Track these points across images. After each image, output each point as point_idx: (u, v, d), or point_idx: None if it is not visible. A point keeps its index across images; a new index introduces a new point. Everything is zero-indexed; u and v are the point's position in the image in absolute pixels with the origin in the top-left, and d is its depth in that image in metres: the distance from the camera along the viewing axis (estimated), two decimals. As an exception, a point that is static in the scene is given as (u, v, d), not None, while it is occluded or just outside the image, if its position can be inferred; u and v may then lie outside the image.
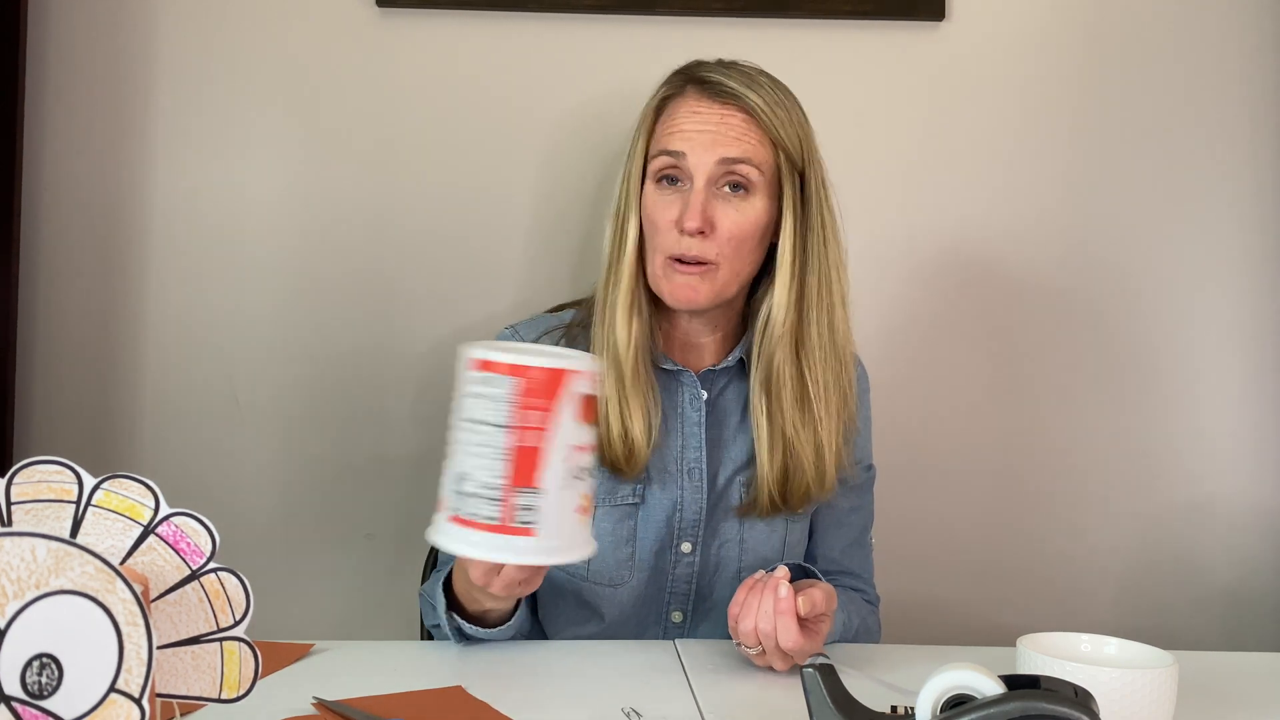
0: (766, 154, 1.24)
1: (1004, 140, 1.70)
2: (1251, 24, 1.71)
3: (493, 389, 0.88)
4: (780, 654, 1.10)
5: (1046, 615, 1.69)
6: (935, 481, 1.72)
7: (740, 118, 1.23)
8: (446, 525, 0.90)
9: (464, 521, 0.89)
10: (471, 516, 0.89)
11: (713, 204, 1.23)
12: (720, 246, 1.23)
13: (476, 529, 0.89)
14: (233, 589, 0.73)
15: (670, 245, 1.24)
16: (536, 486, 0.89)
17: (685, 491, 1.29)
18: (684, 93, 1.27)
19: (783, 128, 1.24)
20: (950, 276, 1.71)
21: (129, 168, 1.64)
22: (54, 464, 0.69)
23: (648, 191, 1.26)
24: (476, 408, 0.89)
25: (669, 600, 1.31)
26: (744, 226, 1.23)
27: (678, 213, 1.23)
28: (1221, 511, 1.74)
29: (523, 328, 1.35)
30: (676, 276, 1.24)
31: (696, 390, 1.31)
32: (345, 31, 1.64)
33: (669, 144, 1.24)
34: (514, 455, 0.88)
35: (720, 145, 1.22)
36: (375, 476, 1.67)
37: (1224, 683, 1.11)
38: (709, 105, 1.24)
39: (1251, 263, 1.73)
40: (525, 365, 0.87)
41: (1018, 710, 0.74)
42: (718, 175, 1.23)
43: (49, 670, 0.58)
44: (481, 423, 0.88)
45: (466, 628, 1.17)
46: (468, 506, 0.89)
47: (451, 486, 0.90)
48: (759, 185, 1.24)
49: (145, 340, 1.65)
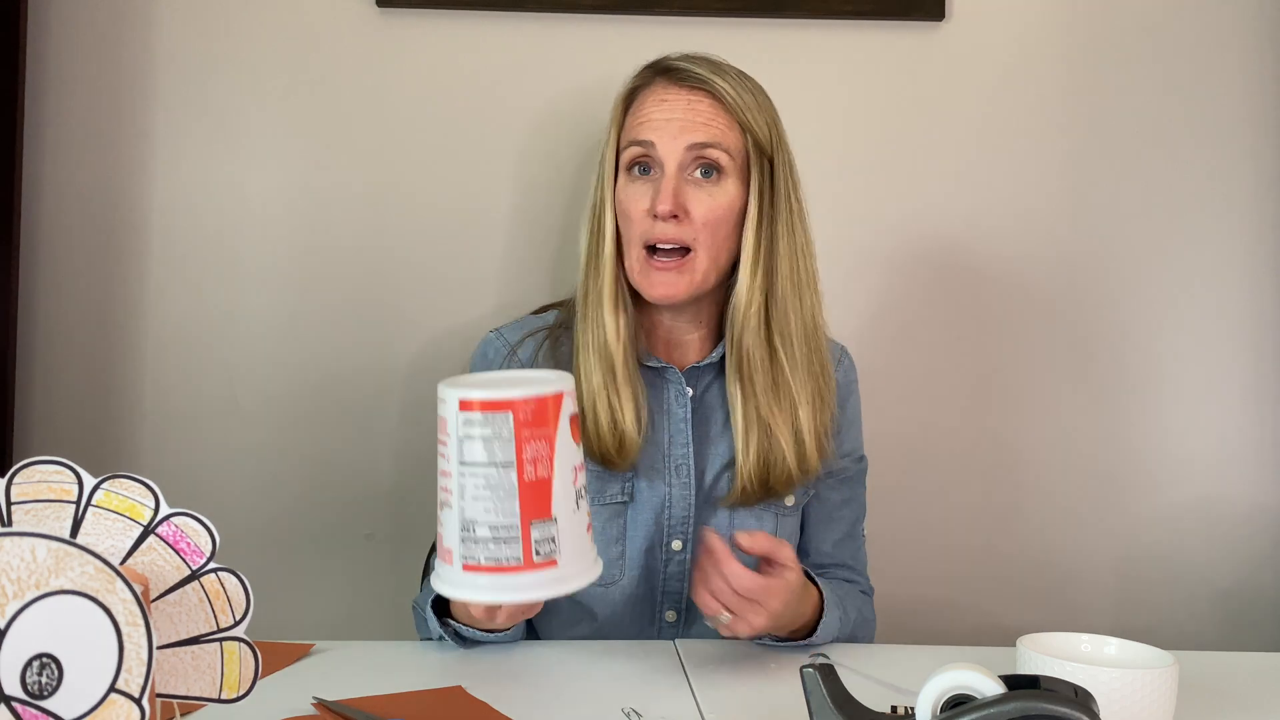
0: (735, 138, 1.25)
1: (1003, 140, 1.70)
2: (1251, 25, 1.71)
3: (490, 428, 0.85)
4: (747, 605, 1.09)
5: (1046, 615, 1.69)
6: (935, 482, 1.72)
7: (707, 103, 1.24)
8: (464, 576, 0.87)
9: (485, 569, 0.86)
10: (492, 562, 0.86)
11: (684, 189, 1.23)
12: (696, 231, 1.23)
13: (501, 573, 0.86)
14: (233, 589, 0.73)
15: (645, 233, 1.24)
16: (552, 516, 0.87)
17: (674, 488, 1.29)
18: (651, 83, 1.27)
19: (750, 113, 1.25)
20: (950, 276, 1.71)
21: (129, 168, 1.64)
22: (54, 464, 0.69)
23: (620, 183, 1.27)
24: (475, 451, 0.85)
25: (662, 599, 1.30)
26: (717, 210, 1.24)
27: (650, 200, 1.23)
28: (1221, 511, 1.74)
29: (507, 331, 1.35)
30: (654, 273, 1.24)
31: (682, 387, 1.31)
32: (345, 31, 1.64)
33: (638, 134, 1.25)
34: (526, 490, 0.86)
35: (688, 131, 1.23)
36: (375, 476, 1.67)
37: (1224, 683, 1.11)
38: (676, 92, 1.25)
39: (1252, 263, 1.73)
40: (521, 398, 0.85)
41: (1018, 710, 0.74)
42: (688, 161, 1.23)
43: (49, 670, 0.58)
44: (485, 465, 0.85)
45: (466, 631, 1.17)
46: (485, 553, 0.86)
47: (457, 535, 0.86)
48: (730, 169, 1.24)
49: (145, 340, 1.65)
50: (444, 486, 0.87)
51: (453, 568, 0.87)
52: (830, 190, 1.68)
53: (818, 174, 1.68)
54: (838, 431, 1.35)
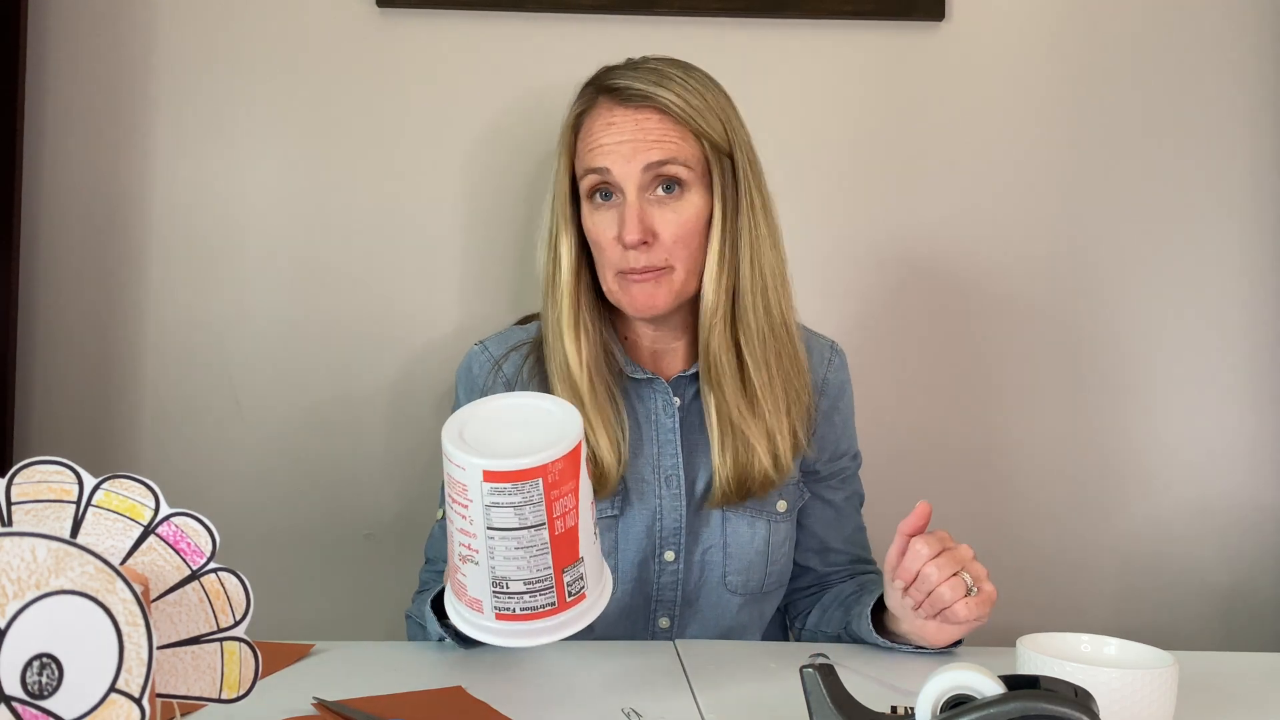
0: (691, 148, 1.22)
1: (1003, 140, 1.70)
2: (1251, 26, 1.71)
3: (519, 496, 0.85)
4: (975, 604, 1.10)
5: (1046, 615, 1.69)
6: (934, 482, 1.72)
7: (655, 119, 1.21)
8: (499, 625, 0.88)
9: (521, 618, 0.88)
10: (528, 611, 0.87)
11: (649, 212, 1.21)
12: (668, 251, 1.22)
13: (537, 619, 0.88)
14: (233, 589, 0.73)
15: (617, 261, 1.23)
16: (580, 557, 0.88)
17: (664, 500, 1.28)
18: (595, 105, 1.25)
19: (701, 118, 1.22)
20: (949, 276, 1.71)
21: (129, 168, 1.64)
22: (54, 464, 0.69)
23: (585, 211, 1.25)
24: (504, 518, 0.85)
25: (655, 608, 1.30)
26: (685, 225, 1.22)
27: (617, 228, 1.21)
28: (1221, 511, 1.74)
29: (491, 343, 1.34)
30: (632, 287, 1.23)
31: (669, 397, 1.29)
32: (345, 31, 1.64)
33: (591, 161, 1.23)
34: (557, 544, 0.86)
35: (641, 152, 1.21)
36: (374, 477, 1.67)
37: (1224, 683, 1.11)
38: (622, 113, 1.22)
39: (1252, 263, 1.73)
40: (549, 462, 0.84)
41: (1018, 710, 0.74)
42: (647, 182, 1.21)
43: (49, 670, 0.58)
44: (516, 529, 0.86)
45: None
46: (520, 604, 0.87)
47: (488, 590, 0.87)
48: (690, 179, 1.22)
49: (145, 340, 1.65)
50: (466, 545, 0.87)
51: (484, 616, 0.88)
52: (829, 190, 1.68)
53: (817, 174, 1.69)
54: (831, 430, 1.35)
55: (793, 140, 1.67)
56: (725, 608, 1.30)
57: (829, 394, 1.35)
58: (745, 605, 1.31)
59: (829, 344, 1.39)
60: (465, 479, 0.85)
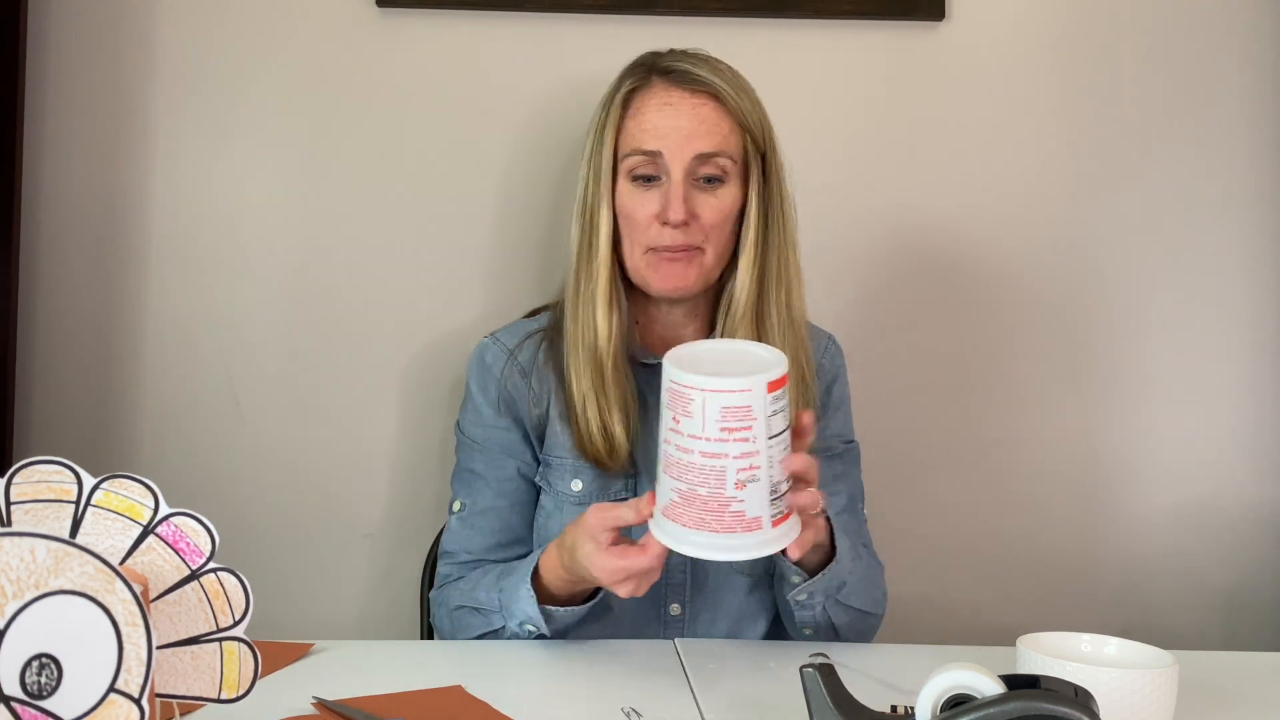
0: (737, 142, 1.26)
1: (1003, 140, 1.70)
2: (1251, 24, 1.71)
3: (784, 400, 0.96)
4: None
5: (1046, 615, 1.69)
6: (935, 481, 1.72)
7: (711, 105, 1.25)
8: (774, 532, 0.98)
9: (782, 519, 0.99)
10: (780, 514, 0.98)
11: (692, 195, 1.24)
12: (705, 232, 1.25)
13: (786, 521, 0.99)
14: (232, 589, 0.73)
15: (652, 238, 1.25)
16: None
17: None
18: (650, 84, 1.27)
19: (748, 113, 1.27)
20: (949, 276, 1.71)
21: (129, 168, 1.64)
22: (54, 464, 0.69)
23: (622, 188, 1.27)
24: (778, 424, 0.96)
25: (666, 593, 1.30)
26: (722, 212, 1.26)
27: (658, 206, 1.24)
28: (1221, 511, 1.74)
29: (503, 334, 1.36)
30: (664, 265, 1.25)
31: None
32: (345, 31, 1.64)
33: (643, 143, 1.25)
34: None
35: (695, 140, 1.23)
36: (375, 476, 1.67)
37: (1224, 683, 1.11)
38: (679, 95, 1.25)
39: (1251, 262, 1.73)
40: (786, 368, 0.96)
41: (1018, 710, 0.74)
42: (694, 168, 1.24)
43: (49, 670, 0.58)
44: (784, 431, 0.97)
45: (560, 612, 1.17)
46: (784, 504, 0.99)
47: (766, 500, 0.96)
48: (732, 173, 1.26)
49: (145, 340, 1.65)
50: (747, 467, 0.95)
51: (762, 532, 0.97)
52: (829, 189, 1.68)
53: (817, 173, 1.68)
54: (824, 414, 1.36)
55: (793, 139, 1.65)
56: (734, 590, 1.31)
57: (823, 379, 1.38)
58: (754, 588, 1.31)
59: (826, 335, 1.42)
60: (749, 400, 0.93)
